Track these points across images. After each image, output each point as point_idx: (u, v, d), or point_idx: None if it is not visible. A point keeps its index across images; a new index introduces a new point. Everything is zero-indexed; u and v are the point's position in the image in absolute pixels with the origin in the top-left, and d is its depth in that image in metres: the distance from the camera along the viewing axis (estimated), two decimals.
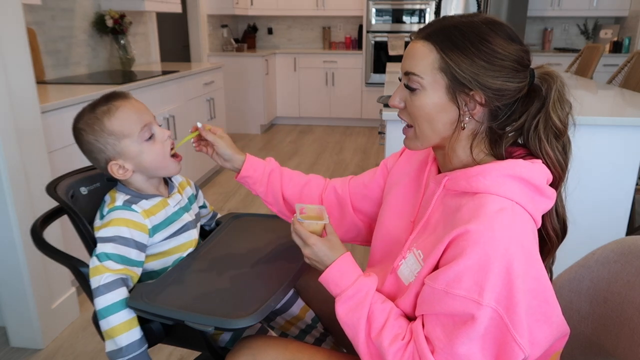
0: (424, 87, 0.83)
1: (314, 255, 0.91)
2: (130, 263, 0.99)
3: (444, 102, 0.83)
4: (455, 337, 0.75)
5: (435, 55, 0.82)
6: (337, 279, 0.88)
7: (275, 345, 0.95)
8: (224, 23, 5.78)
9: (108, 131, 1.01)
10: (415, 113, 0.86)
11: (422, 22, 5.45)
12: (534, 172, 0.82)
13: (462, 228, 0.77)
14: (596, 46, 3.74)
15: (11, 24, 1.69)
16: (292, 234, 0.94)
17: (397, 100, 0.88)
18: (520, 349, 0.74)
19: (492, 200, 0.79)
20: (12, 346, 1.88)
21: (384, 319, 0.84)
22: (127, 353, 0.93)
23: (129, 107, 1.03)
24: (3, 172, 1.68)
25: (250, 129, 5.53)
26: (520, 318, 0.74)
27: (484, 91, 0.81)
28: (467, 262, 0.75)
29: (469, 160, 0.87)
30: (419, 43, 0.84)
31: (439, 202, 0.89)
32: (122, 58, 3.36)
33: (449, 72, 0.81)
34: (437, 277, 0.78)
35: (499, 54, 0.80)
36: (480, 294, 0.73)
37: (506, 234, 0.75)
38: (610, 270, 0.98)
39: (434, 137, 0.87)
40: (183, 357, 1.84)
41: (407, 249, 0.90)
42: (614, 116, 1.85)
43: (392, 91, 2.45)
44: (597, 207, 1.93)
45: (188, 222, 1.12)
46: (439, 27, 0.83)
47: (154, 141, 1.05)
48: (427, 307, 0.80)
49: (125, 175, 1.04)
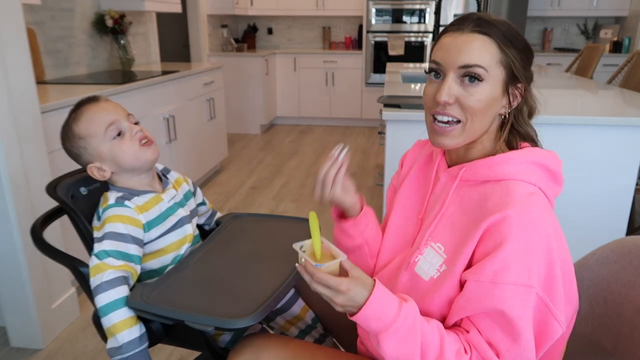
0: (486, 80, 0.83)
1: (349, 301, 0.79)
2: (129, 259, 1.00)
3: (498, 95, 0.85)
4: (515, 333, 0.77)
5: (495, 49, 0.83)
6: (377, 314, 0.78)
7: (277, 343, 0.95)
8: (224, 23, 5.78)
9: (77, 135, 1.05)
10: (473, 106, 0.83)
11: (422, 22, 5.45)
12: (551, 159, 0.87)
13: (499, 215, 0.78)
14: (596, 46, 3.74)
15: (11, 24, 1.69)
16: (312, 285, 0.80)
17: (447, 95, 0.83)
18: (560, 325, 0.78)
19: (519, 185, 0.82)
20: (12, 346, 1.88)
21: (438, 341, 0.79)
22: (127, 350, 0.93)
23: (93, 109, 1.06)
24: (3, 172, 1.68)
25: (250, 129, 5.53)
26: (560, 296, 0.78)
27: (527, 84, 0.87)
28: (513, 247, 0.76)
29: (492, 150, 0.89)
30: (475, 36, 0.83)
31: (454, 194, 0.89)
32: (122, 58, 3.36)
33: (508, 66, 0.84)
34: (483, 269, 0.78)
35: (529, 48, 0.87)
36: (529, 277, 0.76)
37: (542, 216, 0.79)
38: (610, 270, 0.98)
39: (481, 130, 0.87)
40: (183, 357, 1.84)
41: (424, 244, 0.89)
42: (614, 116, 1.85)
43: (392, 91, 2.46)
44: (597, 207, 1.93)
45: (183, 217, 1.12)
46: (486, 21, 0.84)
47: (123, 138, 1.06)
48: (476, 305, 0.78)
49: (104, 176, 1.07)
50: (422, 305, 0.84)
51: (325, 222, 1.17)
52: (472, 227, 0.82)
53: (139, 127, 1.08)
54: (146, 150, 1.08)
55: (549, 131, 1.87)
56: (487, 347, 0.79)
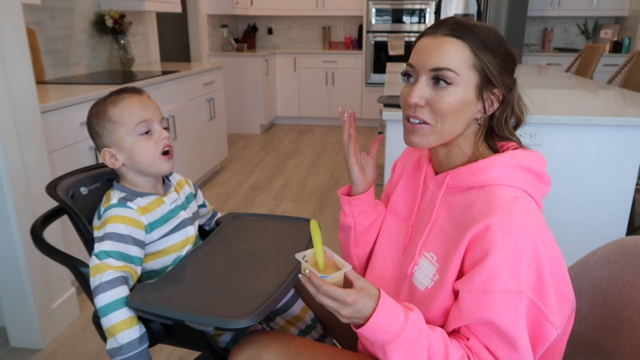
0: (457, 84, 0.83)
1: (356, 313, 0.78)
2: (129, 260, 1.00)
3: (471, 99, 0.84)
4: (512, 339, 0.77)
5: (468, 53, 0.82)
6: (384, 326, 0.77)
7: (279, 340, 0.95)
8: (224, 23, 5.78)
9: (108, 117, 1.05)
10: (442, 109, 0.83)
11: (422, 22, 5.45)
12: (534, 161, 0.86)
13: (482, 223, 0.78)
14: (596, 46, 3.74)
15: (11, 24, 1.69)
16: (317, 297, 0.79)
17: (418, 98, 0.84)
18: (554, 327, 0.78)
19: (503, 190, 0.81)
20: (12, 346, 1.88)
21: (443, 348, 0.79)
22: (128, 351, 0.93)
23: (133, 100, 1.07)
24: (3, 172, 1.68)
25: (250, 129, 5.53)
26: (551, 299, 0.78)
27: (505, 89, 0.86)
28: (500, 254, 0.76)
29: (472, 155, 0.89)
30: (447, 39, 0.83)
31: (442, 202, 0.90)
32: (122, 58, 3.36)
33: (481, 70, 0.83)
34: (472, 279, 0.78)
35: (511, 55, 0.86)
36: (518, 283, 0.76)
37: (526, 220, 0.78)
38: (610, 270, 0.98)
39: (451, 132, 0.86)
40: (183, 357, 1.84)
41: (418, 254, 0.90)
42: (614, 116, 1.85)
43: (392, 91, 2.45)
44: (597, 207, 1.93)
45: (185, 220, 1.12)
46: (461, 25, 0.83)
47: (149, 138, 1.06)
48: (469, 315, 0.79)
49: (115, 164, 1.07)
50: (430, 316, 0.85)
51: (325, 222, 1.16)
52: (459, 235, 0.82)
53: (167, 134, 1.09)
54: (164, 161, 1.08)
55: (549, 131, 1.89)
56: (488, 353, 0.79)
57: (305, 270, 0.80)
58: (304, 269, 0.81)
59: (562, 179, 1.90)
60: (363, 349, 1.01)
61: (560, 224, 1.85)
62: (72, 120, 2.08)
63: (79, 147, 2.13)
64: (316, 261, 0.84)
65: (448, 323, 0.84)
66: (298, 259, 0.84)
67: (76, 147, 2.11)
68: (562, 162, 1.88)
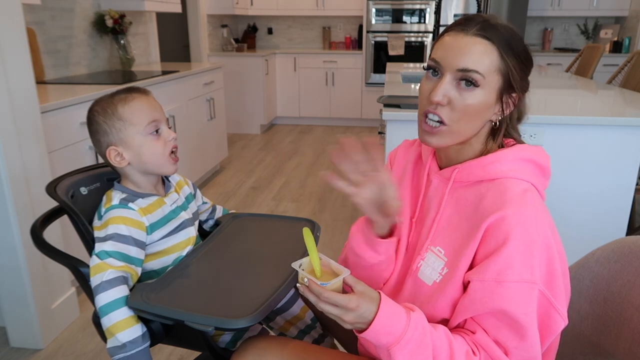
0: (482, 86, 0.82)
1: (358, 318, 0.77)
2: (130, 260, 1.00)
3: (491, 102, 0.85)
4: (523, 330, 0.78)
5: (495, 56, 0.82)
6: (387, 328, 0.77)
7: (280, 346, 0.95)
8: (224, 23, 5.78)
9: (118, 115, 1.04)
10: (464, 110, 0.83)
11: (422, 22, 5.45)
12: (540, 155, 0.88)
13: (497, 214, 0.79)
14: (596, 46, 3.74)
15: (11, 24, 1.69)
16: (319, 305, 0.78)
17: (442, 96, 0.83)
18: (562, 318, 0.80)
19: (513, 183, 0.83)
20: (12, 346, 1.88)
21: (447, 346, 0.79)
22: (128, 350, 0.93)
23: (144, 101, 1.07)
24: (3, 172, 1.68)
25: (250, 129, 5.53)
26: (560, 290, 0.79)
27: (522, 93, 0.87)
28: (515, 245, 0.77)
29: (482, 151, 0.90)
30: (477, 40, 0.82)
31: (449, 196, 0.90)
32: (122, 58, 3.36)
33: (506, 74, 0.83)
34: (486, 269, 0.78)
35: (530, 58, 0.87)
36: (532, 273, 0.76)
37: (538, 212, 0.80)
38: (610, 270, 0.98)
39: (468, 133, 0.87)
40: (183, 357, 1.84)
41: (425, 249, 0.90)
42: (614, 116, 1.85)
43: (392, 91, 2.45)
44: (597, 207, 1.93)
45: (185, 220, 1.12)
46: (491, 25, 0.83)
47: (158, 138, 1.07)
48: (480, 305, 0.78)
49: (120, 163, 1.06)
50: (426, 310, 0.85)
51: (325, 222, 1.16)
52: (472, 228, 0.82)
53: (175, 135, 1.10)
54: (171, 163, 1.09)
55: (549, 131, 1.89)
56: (495, 346, 0.79)
57: (304, 279, 0.78)
58: (302, 277, 0.79)
59: (562, 179, 1.90)
60: (363, 349, 1.01)
61: (560, 224, 1.85)
62: (72, 120, 2.08)
63: (79, 147, 2.13)
64: (313, 269, 0.82)
65: (456, 315, 0.83)
66: (295, 268, 0.82)
67: (76, 147, 2.11)
68: (562, 162, 1.88)
